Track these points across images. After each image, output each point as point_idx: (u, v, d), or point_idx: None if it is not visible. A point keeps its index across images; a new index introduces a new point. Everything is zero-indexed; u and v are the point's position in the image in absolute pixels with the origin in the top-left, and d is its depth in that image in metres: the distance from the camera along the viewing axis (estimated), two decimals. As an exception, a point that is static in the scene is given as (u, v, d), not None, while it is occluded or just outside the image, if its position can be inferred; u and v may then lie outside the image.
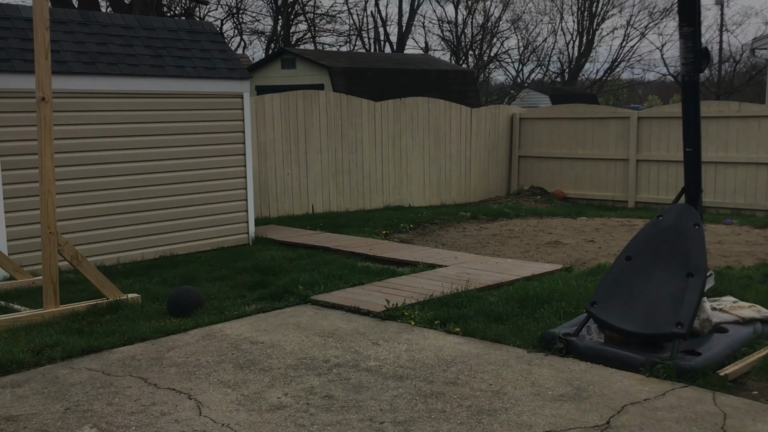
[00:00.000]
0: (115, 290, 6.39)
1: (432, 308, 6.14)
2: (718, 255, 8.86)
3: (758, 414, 4.07)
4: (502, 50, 35.53)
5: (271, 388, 4.49)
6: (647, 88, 46.98)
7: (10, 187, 7.47)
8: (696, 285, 4.85)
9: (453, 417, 4.06)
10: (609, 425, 3.95)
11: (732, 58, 34.94)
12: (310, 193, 12.24)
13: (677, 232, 5.12)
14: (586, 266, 8.07)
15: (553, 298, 6.22)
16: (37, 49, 5.88)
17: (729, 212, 12.70)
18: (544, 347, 5.15)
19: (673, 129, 13.27)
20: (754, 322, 5.36)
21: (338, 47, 33.66)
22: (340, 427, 3.94)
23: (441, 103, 14.14)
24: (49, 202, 5.94)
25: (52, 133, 5.96)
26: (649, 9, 51.22)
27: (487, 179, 15.15)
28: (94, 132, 8.04)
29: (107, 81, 8.05)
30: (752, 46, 17.17)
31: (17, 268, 7.11)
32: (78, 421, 4.03)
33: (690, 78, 5.07)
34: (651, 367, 4.66)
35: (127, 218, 8.34)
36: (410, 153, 13.64)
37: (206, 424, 3.98)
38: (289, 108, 11.85)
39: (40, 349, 5.15)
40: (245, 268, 7.79)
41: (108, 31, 8.40)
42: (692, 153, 5.27)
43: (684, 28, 4.84)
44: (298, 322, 5.95)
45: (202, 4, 25.41)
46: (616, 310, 4.97)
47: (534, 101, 24.94)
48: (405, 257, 8.39)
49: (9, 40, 7.59)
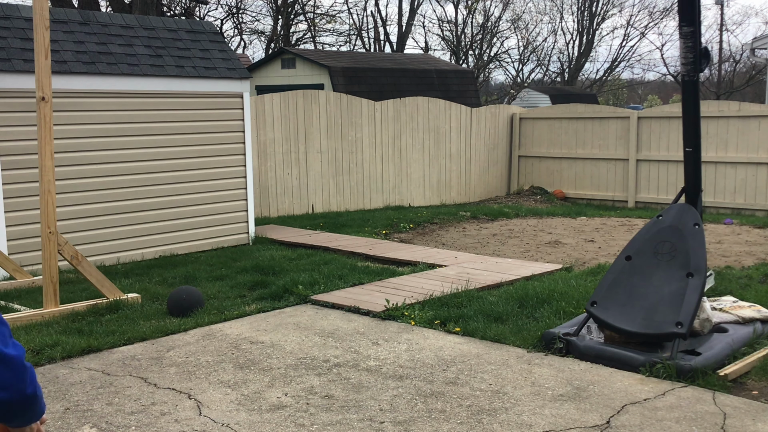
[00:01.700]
0: (115, 290, 6.39)
1: (432, 308, 6.14)
2: (718, 255, 8.86)
3: (758, 414, 4.07)
4: (502, 50, 35.54)
5: (271, 388, 4.49)
6: (647, 88, 46.98)
7: (10, 187, 7.47)
8: (696, 285, 4.85)
9: (453, 417, 4.06)
10: (609, 425, 3.95)
11: (732, 57, 34.92)
12: (310, 192, 12.24)
13: (677, 232, 5.12)
14: (586, 266, 8.07)
15: (553, 298, 6.22)
16: (37, 48, 5.88)
17: (729, 212, 12.70)
18: (544, 347, 5.15)
19: (673, 129, 13.27)
20: (754, 321, 5.36)
21: (338, 47, 33.65)
22: (340, 426, 3.94)
23: (441, 103, 14.14)
24: (49, 202, 5.94)
25: (52, 133, 5.96)
26: (649, 9, 51.20)
27: (487, 179, 15.15)
28: (94, 132, 8.04)
29: (107, 81, 8.05)
30: (752, 45, 17.16)
31: (17, 268, 7.11)
32: (78, 421, 4.03)
33: (690, 78, 5.07)
34: (651, 366, 4.66)
35: (126, 218, 8.34)
36: (410, 153, 13.64)
37: (206, 423, 3.98)
38: (289, 108, 11.85)
39: (40, 349, 5.15)
40: (245, 267, 7.78)
41: (108, 30, 8.40)
42: (692, 153, 5.27)
43: (684, 27, 4.84)
44: (298, 321, 5.95)
45: (202, 4, 25.41)
46: (616, 310, 4.97)
47: (534, 101, 24.94)
48: (405, 257, 8.39)
49: (9, 39, 7.58)
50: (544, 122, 15.03)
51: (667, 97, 45.25)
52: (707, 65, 5.05)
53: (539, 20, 46.98)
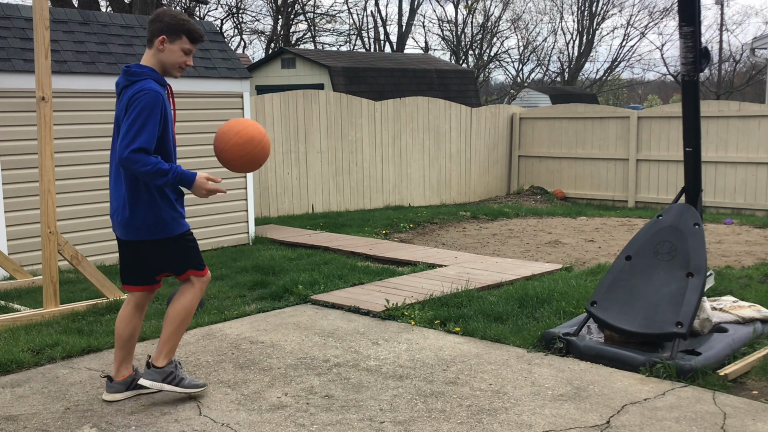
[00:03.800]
0: (115, 290, 6.39)
1: (432, 308, 6.14)
2: (718, 255, 8.86)
3: (758, 414, 4.07)
4: (502, 50, 35.56)
5: (271, 388, 4.49)
6: (647, 88, 46.99)
7: (10, 187, 7.47)
8: (696, 284, 4.85)
9: (453, 417, 4.06)
10: (609, 425, 3.95)
11: (732, 57, 34.93)
12: (310, 192, 12.24)
13: (677, 232, 5.12)
14: (586, 266, 8.07)
15: (553, 298, 6.22)
16: (37, 48, 5.88)
17: (729, 212, 12.70)
18: (544, 347, 5.15)
19: (673, 129, 13.27)
20: (754, 321, 5.36)
21: (338, 47, 33.66)
22: (340, 426, 3.94)
23: (441, 103, 14.14)
24: (49, 202, 5.94)
25: (52, 133, 5.96)
26: (649, 9, 51.24)
27: (487, 179, 15.15)
28: (94, 132, 8.04)
29: (107, 81, 8.05)
30: (752, 45, 17.17)
31: (17, 268, 7.11)
32: (78, 421, 4.03)
33: (690, 77, 5.06)
34: (651, 366, 4.66)
35: (127, 218, 8.33)
36: (410, 153, 13.64)
37: (206, 423, 3.98)
38: (289, 108, 11.85)
39: (40, 349, 5.15)
40: (245, 267, 7.78)
41: (108, 30, 8.40)
42: (692, 153, 5.27)
43: (684, 27, 4.84)
44: (297, 321, 5.95)
45: (202, 4, 25.41)
46: (616, 310, 4.97)
47: (534, 101, 24.94)
48: (405, 257, 8.39)
49: (9, 39, 7.59)
50: (544, 122, 15.03)
51: (667, 97, 45.26)
52: (707, 65, 5.05)
53: (539, 20, 47.02)
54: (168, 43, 4.08)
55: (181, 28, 4.09)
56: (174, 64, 4.13)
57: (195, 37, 4.14)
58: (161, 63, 4.12)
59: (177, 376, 4.23)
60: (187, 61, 4.17)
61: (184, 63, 4.16)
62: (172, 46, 4.09)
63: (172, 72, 4.17)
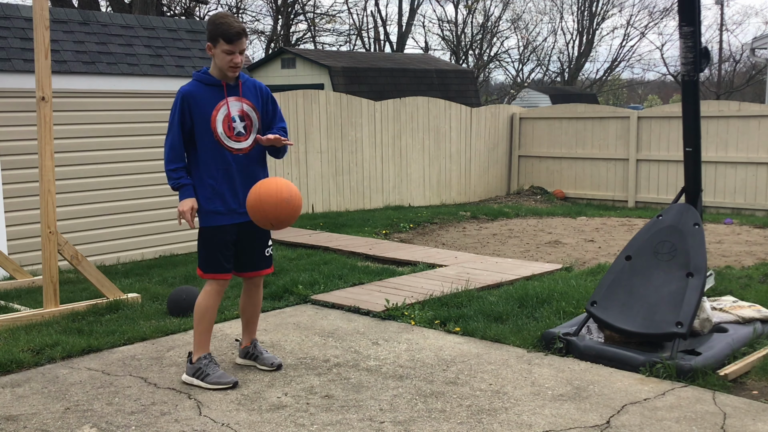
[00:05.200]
0: (115, 290, 6.39)
1: (432, 308, 6.14)
2: (718, 255, 8.86)
3: (758, 414, 4.07)
4: (502, 50, 35.57)
5: (270, 388, 4.49)
6: (647, 88, 46.99)
7: (10, 187, 7.47)
8: (696, 285, 4.85)
9: (453, 417, 4.06)
10: (609, 425, 3.95)
11: (732, 57, 34.93)
12: (310, 192, 12.24)
13: (677, 232, 5.11)
14: (586, 266, 8.07)
15: (553, 298, 6.22)
16: (37, 48, 5.88)
17: (729, 212, 12.70)
18: (544, 347, 5.15)
19: (673, 129, 13.27)
20: (754, 321, 5.36)
21: (338, 47, 33.66)
22: (340, 426, 3.94)
23: (441, 103, 14.14)
24: (49, 202, 5.94)
25: (52, 133, 5.96)
26: (649, 9, 51.25)
27: (487, 179, 15.15)
28: (94, 132, 8.04)
29: (107, 81, 8.05)
30: (752, 45, 17.16)
31: (17, 268, 7.11)
32: (78, 421, 4.03)
33: (690, 77, 5.06)
34: (651, 366, 4.66)
35: (126, 218, 8.34)
36: (410, 153, 13.64)
37: (206, 423, 3.98)
38: (288, 108, 11.85)
39: (40, 349, 5.15)
40: (245, 267, 7.77)
41: (108, 30, 8.40)
42: (692, 153, 5.27)
43: (684, 27, 4.84)
44: (297, 321, 5.95)
45: (202, 4, 25.41)
46: (616, 310, 4.97)
47: (534, 101, 24.95)
48: (405, 257, 8.39)
49: (9, 39, 7.59)
50: (544, 122, 15.04)
51: (667, 97, 45.27)
52: (707, 65, 5.05)
53: (539, 20, 47.02)
54: (213, 48, 4.38)
55: (216, 31, 4.32)
56: (224, 66, 4.39)
57: (229, 37, 4.32)
58: (216, 66, 4.43)
59: (203, 371, 4.49)
60: (233, 59, 4.37)
61: (232, 62, 4.37)
62: (216, 51, 4.37)
63: (226, 73, 4.42)
